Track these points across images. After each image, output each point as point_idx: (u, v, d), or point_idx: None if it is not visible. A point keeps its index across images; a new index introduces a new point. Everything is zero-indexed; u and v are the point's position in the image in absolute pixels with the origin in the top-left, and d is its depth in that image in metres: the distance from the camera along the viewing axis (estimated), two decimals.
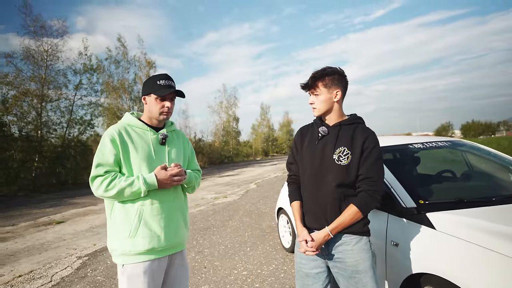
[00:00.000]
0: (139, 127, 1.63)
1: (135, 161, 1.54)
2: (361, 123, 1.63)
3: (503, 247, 1.43)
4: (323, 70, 1.57)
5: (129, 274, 1.50)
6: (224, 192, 9.75)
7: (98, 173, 1.50)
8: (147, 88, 1.63)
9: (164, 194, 1.58)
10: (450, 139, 2.87)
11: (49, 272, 3.68)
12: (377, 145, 1.52)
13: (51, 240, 5.14)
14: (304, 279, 1.62)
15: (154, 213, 1.54)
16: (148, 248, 1.50)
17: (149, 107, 1.64)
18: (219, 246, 4.30)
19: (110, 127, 1.60)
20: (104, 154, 1.51)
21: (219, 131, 38.21)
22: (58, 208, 8.57)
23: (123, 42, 21.98)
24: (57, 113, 16.10)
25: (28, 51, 14.84)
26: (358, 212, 1.48)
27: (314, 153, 1.59)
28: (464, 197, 1.95)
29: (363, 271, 1.48)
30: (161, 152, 1.63)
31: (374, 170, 1.50)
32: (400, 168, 2.45)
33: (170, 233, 1.58)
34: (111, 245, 1.55)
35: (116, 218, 1.53)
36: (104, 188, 1.46)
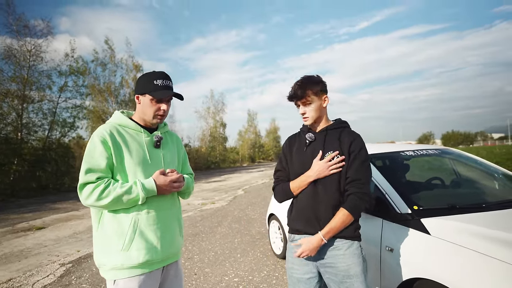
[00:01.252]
0: (132, 128, 1.47)
1: (130, 166, 1.39)
2: (347, 127, 1.67)
3: (498, 252, 1.47)
4: (309, 78, 1.60)
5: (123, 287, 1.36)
6: (212, 198, 9.65)
7: (89, 180, 1.33)
8: (141, 86, 1.47)
9: (161, 201, 1.46)
10: (440, 147, 2.96)
11: (29, 280, 3.51)
12: (363, 148, 1.56)
13: (31, 247, 4.92)
14: (296, 285, 1.62)
15: (150, 222, 1.40)
16: (143, 261, 1.36)
17: (143, 108, 1.49)
18: (208, 253, 4.24)
19: (99, 127, 1.45)
20: (94, 158, 1.34)
21: (206, 137, 37.98)
22: (38, 213, 8.23)
23: (110, 45, 21.64)
24: (39, 115, 15.59)
25: (9, 50, 14.37)
26: (349, 216, 1.49)
27: (304, 159, 1.61)
28: (455, 203, 2.01)
29: (354, 276, 1.49)
30: (156, 155, 1.50)
31: (362, 172, 1.52)
32: (393, 174, 2.50)
33: (166, 243, 1.45)
34: (99, 259, 1.39)
35: (106, 230, 1.37)
36: (96, 196, 1.30)
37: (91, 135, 1.42)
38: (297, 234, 1.64)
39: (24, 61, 14.88)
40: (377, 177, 2.24)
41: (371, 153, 2.55)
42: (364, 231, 2.20)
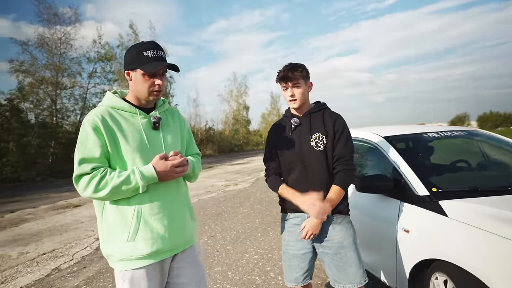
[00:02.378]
0: (126, 110, 1.33)
1: (127, 153, 1.27)
2: (327, 108, 1.77)
3: None
4: (296, 64, 1.69)
5: (131, 278, 1.29)
6: (235, 180, 9.88)
7: (84, 171, 1.22)
8: (130, 61, 1.31)
9: (164, 188, 1.34)
10: (466, 129, 2.84)
11: (70, 251, 3.88)
12: (345, 126, 1.69)
13: (69, 222, 5.37)
14: (291, 260, 1.74)
15: (154, 211, 1.29)
16: (151, 251, 1.28)
17: (136, 85, 1.33)
18: (230, 231, 4.42)
19: (90, 112, 1.31)
20: (87, 147, 1.23)
21: (229, 120, 38.28)
22: (74, 192, 8.87)
23: (135, 30, 22.04)
24: (71, 101, 16.47)
25: (42, 39, 15.10)
26: (341, 191, 1.64)
27: (292, 144, 1.70)
28: (478, 186, 1.95)
29: (347, 246, 1.65)
30: (155, 138, 1.35)
31: (347, 149, 1.66)
32: (414, 157, 2.45)
33: (175, 230, 1.35)
34: (106, 250, 1.31)
35: (109, 220, 1.29)
36: (93, 188, 1.20)
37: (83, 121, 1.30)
38: (291, 213, 1.74)
39: (56, 49, 15.61)
40: (396, 158, 2.21)
41: (391, 135, 2.51)
42: (381, 212, 2.22)
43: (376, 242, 2.28)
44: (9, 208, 6.85)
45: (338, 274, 1.65)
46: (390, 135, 2.50)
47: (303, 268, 1.73)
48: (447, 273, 1.67)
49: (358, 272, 1.63)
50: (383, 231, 2.15)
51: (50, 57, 15.47)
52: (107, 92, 1.41)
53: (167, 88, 24.07)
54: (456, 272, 1.61)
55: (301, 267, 1.72)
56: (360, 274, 1.63)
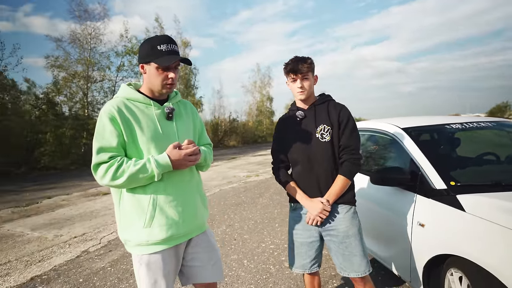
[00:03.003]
0: (140, 101, 1.38)
1: (143, 142, 1.32)
2: (331, 99, 1.79)
3: None
4: (303, 57, 1.71)
5: (147, 262, 1.36)
6: (256, 171, 9.95)
7: (102, 160, 1.28)
8: (145, 54, 1.35)
9: (178, 176, 1.39)
10: (496, 119, 2.67)
11: (98, 236, 4.14)
12: (350, 116, 1.71)
13: (99, 209, 5.71)
14: (299, 248, 1.77)
15: (169, 199, 1.35)
16: (167, 237, 1.34)
17: (149, 78, 1.37)
18: (249, 221, 4.49)
19: (106, 103, 1.35)
20: (105, 137, 1.28)
21: (252, 111, 38.34)
22: None
23: (160, 23, 22.49)
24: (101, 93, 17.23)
25: (74, 35, 15.84)
26: (347, 180, 1.66)
27: (298, 137, 1.73)
28: (502, 180, 1.85)
29: (352, 236, 1.67)
30: (168, 128, 1.40)
31: (352, 139, 1.67)
32: (433, 149, 2.35)
33: (189, 217, 1.41)
34: (123, 235, 1.38)
35: (126, 208, 1.35)
36: (110, 176, 1.25)
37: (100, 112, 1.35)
38: (298, 203, 1.76)
39: (86, 44, 16.33)
40: (413, 150, 2.13)
41: (410, 126, 2.41)
42: (396, 205, 2.17)
43: (390, 235, 2.24)
44: (46, 194, 7.39)
45: (343, 263, 1.69)
46: (409, 127, 2.40)
47: (310, 255, 1.76)
48: (462, 269, 1.61)
49: (362, 262, 1.66)
50: (397, 225, 2.10)
51: (82, 52, 16.25)
52: (122, 84, 1.46)
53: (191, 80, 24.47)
54: (472, 269, 1.54)
55: (309, 255, 1.76)
56: (364, 264, 1.66)
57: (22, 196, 7.28)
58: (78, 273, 3.02)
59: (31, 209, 5.93)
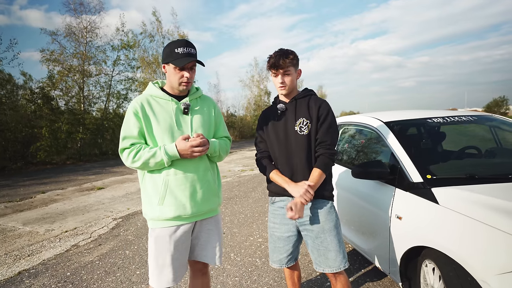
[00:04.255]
0: (161, 97, 1.60)
1: (158, 133, 1.56)
2: (313, 94, 1.80)
3: (505, 225, 1.38)
4: (287, 51, 1.71)
5: (157, 235, 1.58)
6: (252, 165, 9.98)
7: (125, 146, 1.55)
8: (165, 56, 1.58)
9: (187, 165, 1.58)
10: (478, 114, 2.68)
11: (89, 230, 4.17)
12: (330, 111, 1.71)
13: (92, 203, 5.73)
14: (276, 242, 1.79)
15: (178, 183, 1.56)
16: (174, 216, 1.55)
17: (169, 77, 1.60)
18: (239, 215, 4.52)
19: (134, 99, 1.62)
20: (129, 127, 1.55)
21: (250, 105, 38.25)
22: (99, 175, 9.39)
23: (157, 17, 22.27)
24: (97, 88, 17.09)
25: (69, 28, 15.66)
26: (322, 174, 1.65)
27: (278, 129, 1.75)
28: (477, 173, 1.87)
29: (327, 231, 1.67)
30: (184, 122, 1.61)
31: (329, 134, 1.68)
32: (412, 143, 2.36)
33: (196, 201, 1.59)
34: (144, 210, 1.64)
35: (146, 186, 1.60)
36: (131, 159, 1.52)
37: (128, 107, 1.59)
38: (277, 196, 1.78)
39: (82, 38, 16.15)
40: (394, 144, 2.15)
41: (392, 120, 2.42)
42: (376, 199, 2.20)
43: (370, 228, 2.27)
44: (41, 189, 7.40)
45: (318, 258, 1.69)
46: (391, 121, 2.42)
47: (287, 250, 1.77)
48: (435, 261, 1.64)
49: (337, 257, 1.65)
50: (377, 218, 2.13)
51: (77, 46, 16.08)
52: (150, 82, 1.70)
53: None
54: (442, 260, 1.58)
55: (286, 249, 1.77)
56: (339, 260, 1.65)
57: (16, 191, 7.29)
58: (66, 266, 3.05)
59: (24, 203, 5.95)
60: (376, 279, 2.51)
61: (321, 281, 2.53)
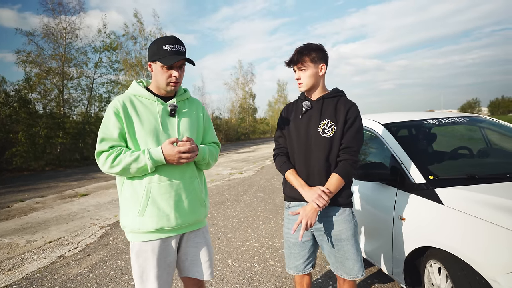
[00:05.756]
0: (146, 97, 1.46)
1: (141, 135, 1.41)
2: (343, 95, 1.69)
3: (510, 223, 1.41)
4: (309, 45, 1.61)
5: (138, 251, 1.44)
6: (240, 168, 9.92)
7: (103, 149, 1.39)
8: (152, 53, 1.43)
9: (173, 171, 1.44)
10: (469, 115, 2.76)
11: (75, 239, 3.97)
12: (358, 116, 1.60)
13: (76, 211, 5.49)
14: (292, 248, 1.71)
15: (162, 191, 1.41)
16: (157, 228, 1.40)
17: (155, 76, 1.45)
18: (233, 219, 4.46)
19: (115, 98, 1.44)
20: (108, 128, 1.39)
21: (235, 108, 38.18)
22: (82, 181, 9.05)
23: (139, 18, 21.86)
24: (78, 91, 16.54)
25: (48, 29, 15.09)
26: (341, 180, 1.55)
27: (300, 127, 1.66)
28: (476, 173, 1.91)
29: (345, 239, 1.59)
30: (170, 124, 1.47)
31: (355, 140, 1.58)
32: (412, 144, 2.40)
33: (181, 212, 1.45)
34: (122, 221, 1.47)
35: (125, 195, 1.44)
36: (109, 164, 1.36)
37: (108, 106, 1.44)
38: (292, 201, 1.71)
39: (61, 39, 15.60)
40: (394, 146, 2.17)
41: (390, 122, 2.45)
42: (378, 200, 2.20)
43: (373, 230, 2.27)
44: (18, 197, 7.03)
45: (336, 263, 1.64)
46: (389, 122, 2.44)
47: (303, 256, 1.69)
48: (441, 260, 1.65)
49: (355, 266, 1.59)
50: (380, 219, 2.14)
51: (56, 47, 15.51)
52: (133, 81, 1.55)
53: None
54: (449, 260, 1.59)
55: (302, 255, 1.69)
56: (357, 268, 1.59)
57: None
58: (53, 280, 2.88)
59: (0, 213, 5.62)
60: (377, 281, 2.52)
61: (323, 284, 2.51)
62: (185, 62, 1.46)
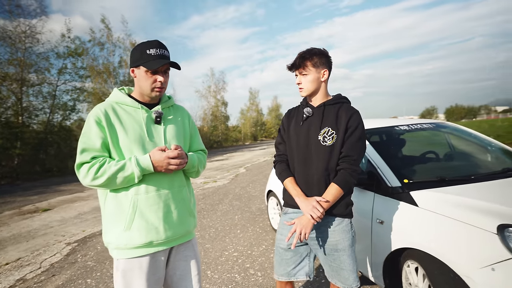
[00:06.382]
0: (130, 105, 1.40)
1: (125, 144, 1.34)
2: (346, 102, 1.64)
3: (480, 221, 1.51)
4: (311, 50, 1.58)
5: (124, 269, 1.35)
6: (214, 177, 9.78)
7: (84, 160, 1.30)
8: (135, 58, 1.38)
9: (161, 180, 1.38)
10: (435, 121, 2.94)
11: (37, 259, 3.66)
12: (360, 124, 1.55)
13: (37, 228, 5.08)
14: (283, 254, 1.66)
15: (150, 202, 1.34)
16: (145, 242, 1.33)
17: (139, 82, 1.40)
18: (209, 229, 4.36)
19: (95, 106, 1.38)
20: (90, 138, 1.31)
21: (207, 116, 37.85)
22: (44, 195, 8.42)
23: (107, 24, 21.12)
24: (39, 98, 15.53)
25: (4, 32, 14.10)
26: (340, 190, 1.51)
27: (300, 134, 1.62)
28: (445, 176, 2.03)
29: (341, 250, 1.56)
30: (156, 132, 1.41)
31: (356, 149, 1.53)
32: (386, 149, 2.51)
33: (170, 224, 1.39)
34: (106, 238, 1.38)
35: (109, 209, 1.36)
36: (92, 176, 1.27)
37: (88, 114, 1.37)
38: (290, 208, 1.68)
39: (20, 43, 14.64)
40: (370, 152, 2.25)
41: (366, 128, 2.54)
42: (356, 205, 2.24)
43: None
44: None
45: (331, 272, 1.61)
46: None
47: (295, 261, 1.65)
48: (418, 260, 1.72)
49: (350, 276, 1.55)
50: (359, 224, 2.19)
51: (14, 52, 14.50)
52: (114, 88, 1.49)
53: None
54: (426, 260, 1.66)
55: (294, 261, 1.65)
56: (352, 279, 1.55)
57: None
58: None
59: None
60: None
61: None
62: (169, 67, 1.43)
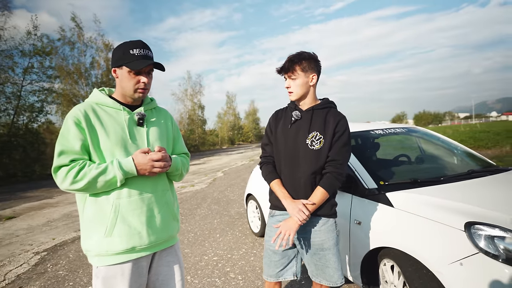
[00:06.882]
0: (111, 106, 1.35)
1: (106, 147, 1.29)
2: (333, 107, 1.68)
3: (449, 220, 1.62)
4: (300, 54, 1.60)
5: (105, 276, 1.29)
6: (191, 181, 9.64)
7: (62, 163, 1.24)
8: (117, 58, 1.34)
9: (144, 184, 1.34)
10: (407, 126, 3.11)
11: (1, 271, 3.43)
12: (347, 130, 1.60)
13: (1, 237, 4.75)
14: (272, 256, 1.69)
15: (132, 206, 1.30)
16: (128, 248, 1.28)
17: (121, 82, 1.35)
18: (188, 234, 4.29)
19: (74, 107, 1.32)
20: (69, 140, 1.25)
21: (184, 120, 37.30)
22: (7, 202, 7.89)
23: (78, 23, 20.27)
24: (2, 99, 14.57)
25: None
26: (325, 193, 1.56)
27: (288, 137, 1.63)
28: (417, 178, 2.15)
29: (327, 249, 1.61)
30: (138, 134, 1.37)
31: (342, 153, 1.58)
32: (363, 153, 2.61)
33: (154, 228, 1.35)
34: (85, 245, 1.32)
35: (89, 214, 1.30)
36: (71, 179, 1.21)
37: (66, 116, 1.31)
38: (277, 210, 1.71)
39: None
40: None
41: None
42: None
43: None
44: None
45: (316, 271, 1.65)
46: None
47: (283, 264, 1.68)
48: (393, 259, 1.81)
49: (335, 273, 1.61)
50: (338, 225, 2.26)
51: None
52: (94, 89, 1.43)
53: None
54: (401, 258, 1.75)
55: (282, 263, 1.68)
56: (337, 276, 1.61)
57: None
58: None
59: None
60: None
61: None
62: (153, 68, 1.40)
